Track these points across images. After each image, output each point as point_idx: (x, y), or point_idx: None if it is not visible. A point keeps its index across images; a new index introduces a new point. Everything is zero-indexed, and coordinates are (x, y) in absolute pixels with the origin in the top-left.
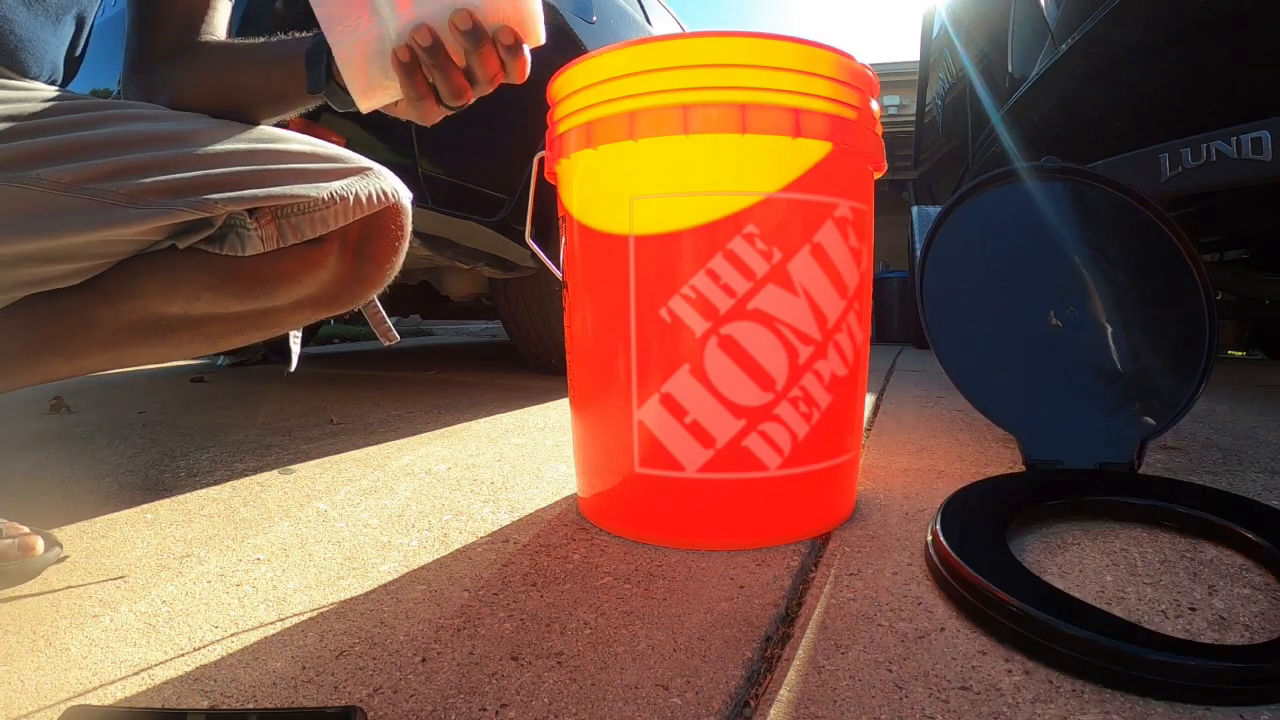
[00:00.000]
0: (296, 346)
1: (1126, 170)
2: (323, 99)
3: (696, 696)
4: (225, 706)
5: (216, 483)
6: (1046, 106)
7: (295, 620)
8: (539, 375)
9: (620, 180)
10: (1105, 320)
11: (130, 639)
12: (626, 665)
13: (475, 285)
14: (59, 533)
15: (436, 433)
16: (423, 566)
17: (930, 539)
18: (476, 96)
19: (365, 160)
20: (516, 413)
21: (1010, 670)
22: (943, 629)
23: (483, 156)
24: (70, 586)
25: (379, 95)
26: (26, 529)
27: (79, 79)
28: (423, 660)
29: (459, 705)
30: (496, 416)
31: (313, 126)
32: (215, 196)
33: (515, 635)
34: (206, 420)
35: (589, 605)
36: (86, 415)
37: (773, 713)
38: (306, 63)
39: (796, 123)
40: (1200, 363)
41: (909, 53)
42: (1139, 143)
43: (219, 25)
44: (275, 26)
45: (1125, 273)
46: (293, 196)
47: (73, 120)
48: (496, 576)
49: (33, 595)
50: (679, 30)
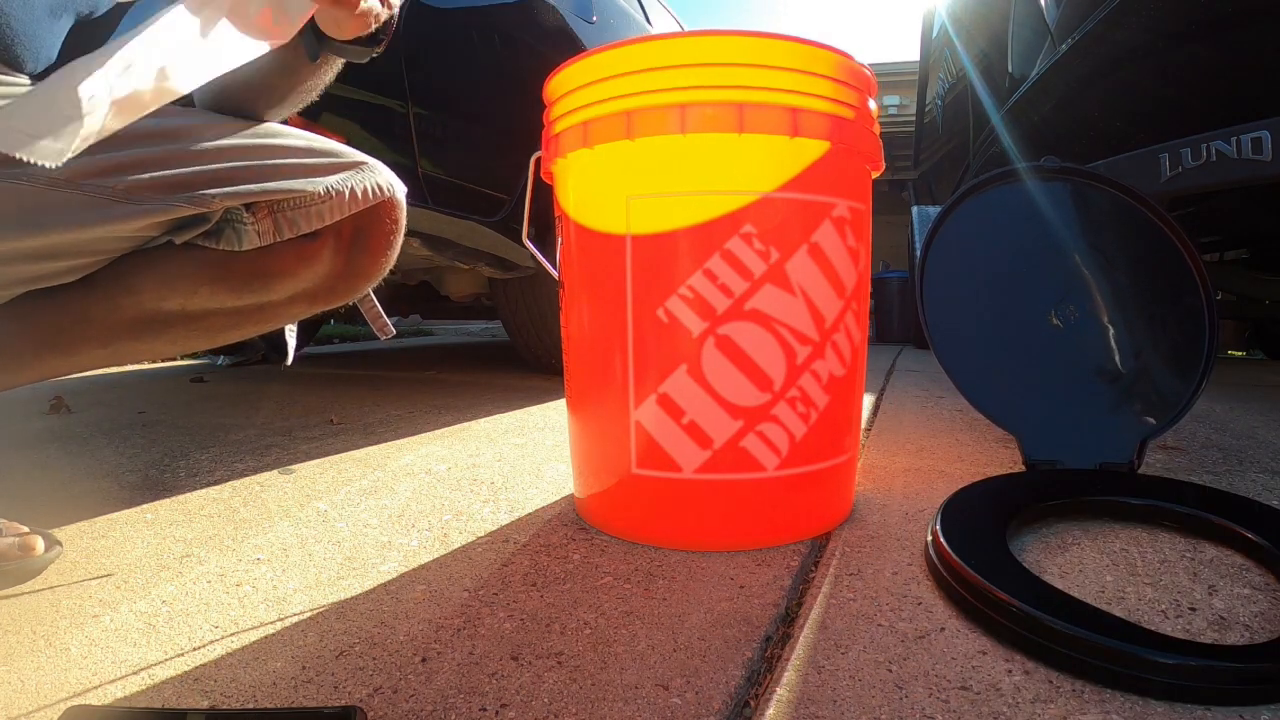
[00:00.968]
0: (293, 341)
1: (1127, 170)
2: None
3: (696, 696)
4: (225, 706)
5: (216, 483)
6: (1046, 106)
7: (295, 620)
8: (539, 375)
9: (617, 180)
10: (1105, 320)
11: (130, 639)
12: (626, 665)
13: (475, 285)
14: (59, 532)
15: (436, 433)
16: (423, 566)
17: (930, 539)
18: None
19: (360, 155)
20: (516, 413)
21: (1010, 670)
22: (943, 629)
23: (483, 156)
24: (70, 585)
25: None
26: (26, 528)
27: None
28: (423, 660)
29: (459, 705)
30: (496, 416)
31: (311, 124)
32: (212, 192)
33: (515, 635)
34: (206, 420)
35: (589, 605)
36: (86, 415)
37: (772, 712)
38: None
39: (794, 122)
40: (1200, 363)
41: (909, 53)
42: (1139, 143)
43: None
44: None
45: (1125, 273)
46: (289, 191)
47: None
48: (496, 576)
49: (33, 595)
50: (678, 30)
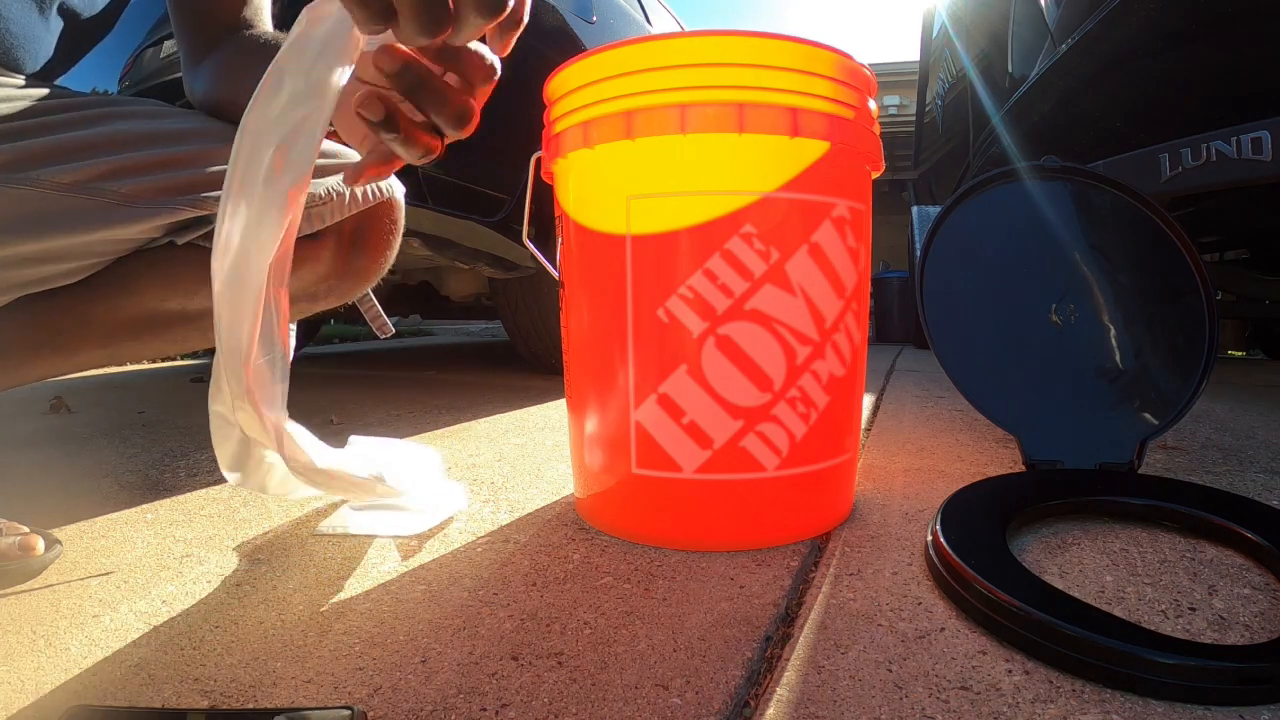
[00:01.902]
0: (292, 340)
1: (1127, 170)
2: None
3: (696, 696)
4: (225, 706)
5: (216, 483)
6: (1046, 106)
7: (295, 620)
8: (539, 375)
9: (617, 180)
10: (1105, 320)
11: (130, 639)
12: (626, 665)
13: (475, 285)
14: (59, 532)
15: (436, 433)
16: (422, 566)
17: (930, 539)
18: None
19: (360, 155)
20: (516, 412)
21: (1010, 670)
22: (943, 629)
23: (483, 156)
24: (71, 585)
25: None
26: (26, 528)
27: (78, 78)
28: (423, 660)
29: (459, 705)
30: (496, 416)
31: None
32: (214, 194)
33: (515, 635)
34: (206, 420)
35: (589, 605)
36: (86, 415)
37: (772, 712)
38: None
39: (794, 122)
40: (1200, 362)
41: (909, 53)
42: (1139, 143)
43: (260, 17)
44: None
45: (1125, 272)
46: None
47: (71, 119)
48: (496, 576)
49: (33, 595)
50: (678, 30)
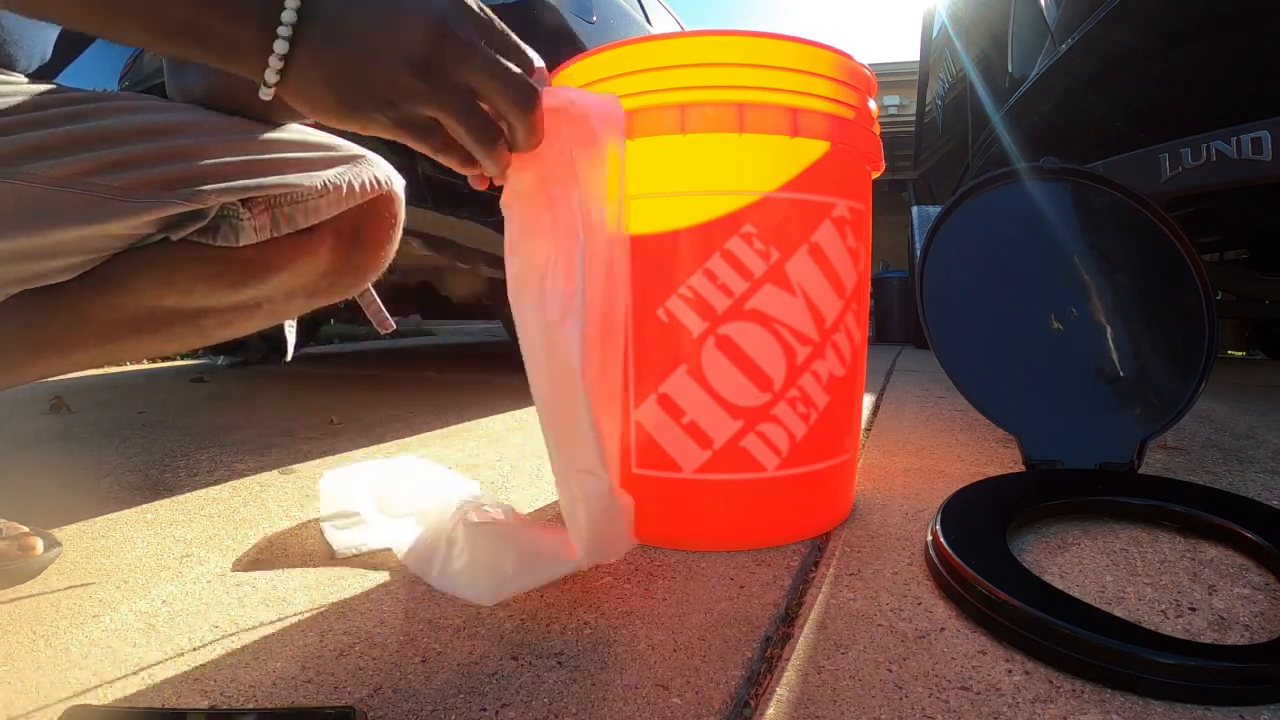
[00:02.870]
0: (292, 337)
1: (1126, 170)
2: None
3: (696, 696)
4: (225, 706)
5: (216, 483)
6: (1046, 106)
7: (295, 620)
8: None
9: None
10: (1105, 320)
11: (130, 639)
12: (626, 665)
13: (475, 285)
14: (59, 532)
15: (436, 433)
16: None
17: (930, 539)
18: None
19: (357, 148)
20: (516, 412)
21: (1010, 670)
22: (943, 629)
23: None
24: (70, 586)
25: None
26: (26, 529)
27: (79, 77)
28: (423, 660)
29: (459, 705)
30: (496, 416)
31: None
32: (207, 188)
33: (515, 635)
34: (206, 420)
35: (589, 605)
36: (86, 415)
37: (772, 712)
38: None
39: (794, 122)
40: (1200, 363)
41: (909, 53)
42: (1139, 143)
43: None
44: None
45: (1125, 273)
46: (285, 186)
47: (63, 114)
48: None
49: (33, 595)
50: (678, 30)
